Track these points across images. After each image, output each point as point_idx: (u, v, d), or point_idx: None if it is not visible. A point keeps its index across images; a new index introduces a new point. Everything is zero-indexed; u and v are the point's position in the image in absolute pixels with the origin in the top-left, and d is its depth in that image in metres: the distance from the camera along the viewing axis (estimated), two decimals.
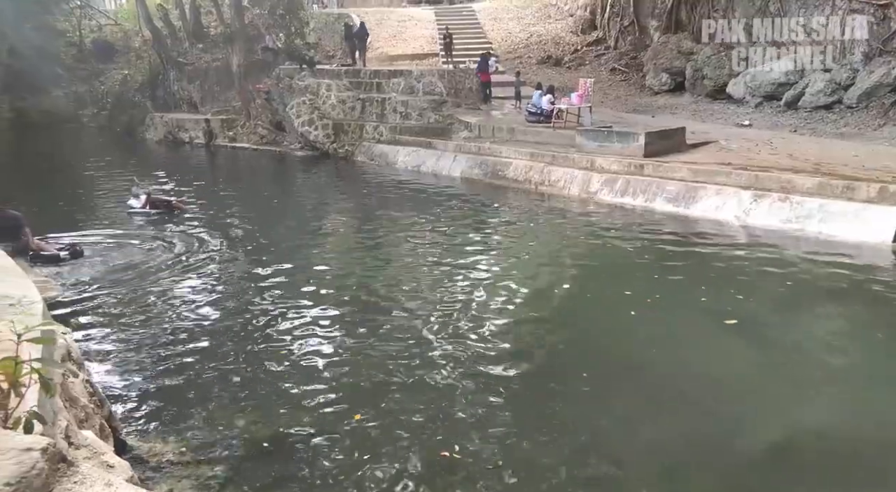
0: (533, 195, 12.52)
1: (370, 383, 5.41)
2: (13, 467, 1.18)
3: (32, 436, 1.33)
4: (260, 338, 6.31)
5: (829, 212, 9.20)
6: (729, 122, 15.56)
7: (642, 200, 11.16)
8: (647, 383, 5.40)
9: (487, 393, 5.20)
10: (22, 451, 1.26)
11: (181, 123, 23.05)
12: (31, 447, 1.27)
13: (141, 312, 7.02)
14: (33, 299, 4.39)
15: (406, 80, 18.02)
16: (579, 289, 7.65)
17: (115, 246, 9.53)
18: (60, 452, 1.33)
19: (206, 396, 5.27)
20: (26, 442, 1.29)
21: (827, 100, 14.77)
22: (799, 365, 5.67)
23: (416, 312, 6.88)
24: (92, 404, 4.29)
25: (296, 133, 19.02)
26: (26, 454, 1.25)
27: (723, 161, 11.26)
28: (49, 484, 1.25)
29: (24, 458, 1.24)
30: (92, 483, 1.28)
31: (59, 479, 1.28)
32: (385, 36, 25.65)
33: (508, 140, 14.75)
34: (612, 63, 21.62)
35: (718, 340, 6.14)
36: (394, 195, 13.40)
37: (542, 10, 27.49)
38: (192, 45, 26.27)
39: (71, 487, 1.28)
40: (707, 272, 7.95)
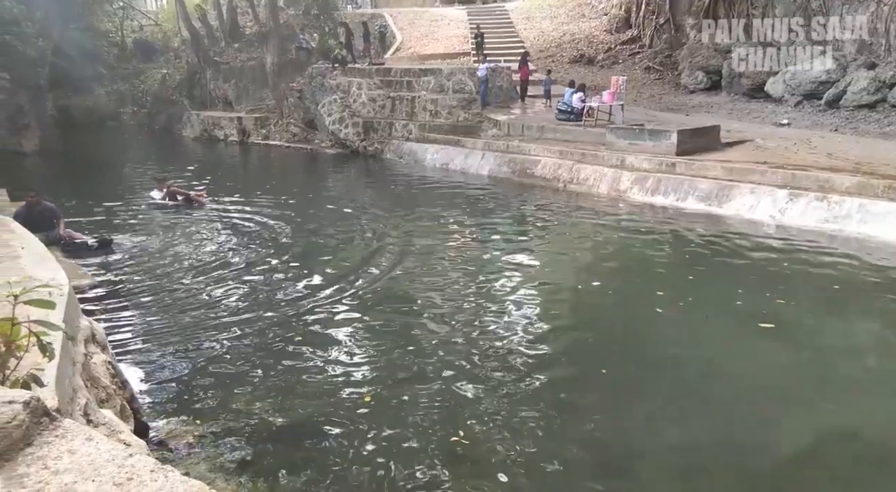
0: (561, 193, 12.38)
1: (390, 374, 5.40)
2: None
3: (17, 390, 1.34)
4: (281, 329, 6.35)
5: (870, 212, 8.86)
6: (766, 121, 15.14)
7: (674, 198, 10.92)
8: (676, 385, 5.26)
9: (509, 387, 5.14)
10: (4, 403, 1.26)
11: (216, 121, 23.50)
12: (14, 400, 1.27)
13: (165, 299, 7.15)
14: (61, 282, 4.51)
15: (436, 79, 18.01)
16: (609, 288, 7.50)
17: (145, 236, 9.75)
18: (43, 405, 1.33)
19: (227, 382, 5.32)
20: (10, 395, 1.30)
21: (870, 98, 14.24)
22: (835, 370, 5.46)
23: (442, 307, 6.84)
24: (114, 386, 4.37)
25: (327, 131, 19.20)
26: (8, 406, 1.26)
27: (758, 160, 10.94)
28: (29, 435, 1.25)
29: (5, 409, 1.24)
30: (73, 437, 1.28)
31: (41, 432, 1.28)
32: (417, 35, 25.71)
33: (538, 138, 14.61)
34: (647, 61, 21.27)
35: (753, 343, 5.93)
36: (422, 193, 13.40)
37: (575, 9, 27.21)
38: (229, 44, 26.79)
39: (52, 439, 1.28)
40: (742, 273, 7.71)
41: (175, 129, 24.95)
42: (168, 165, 18.02)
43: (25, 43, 19.59)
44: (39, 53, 20.80)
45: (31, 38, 20.20)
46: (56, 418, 1.32)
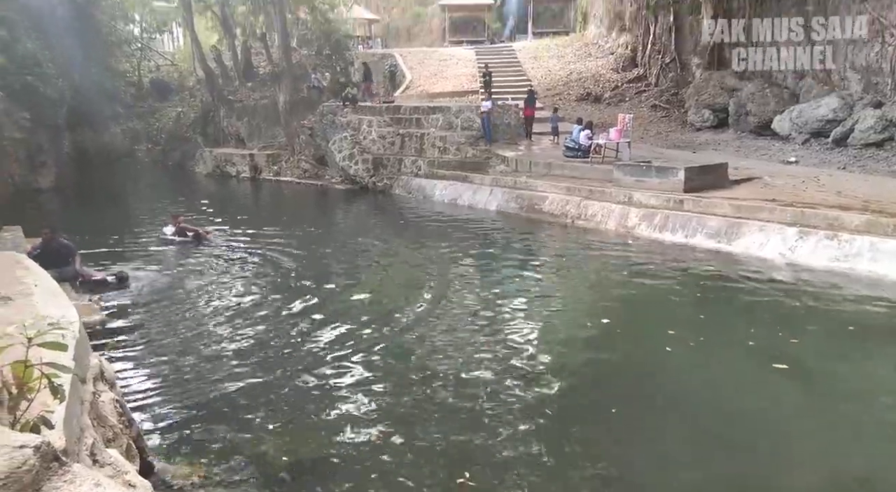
0: (569, 229, 12.41)
1: (397, 414, 5.35)
2: (4, 463, 1.19)
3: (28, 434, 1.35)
4: (288, 368, 6.33)
5: (880, 251, 8.80)
6: (774, 159, 15.19)
7: (682, 235, 10.92)
8: (689, 426, 5.18)
9: (518, 425, 5.09)
10: (15, 448, 1.27)
11: (229, 158, 23.88)
12: (25, 445, 1.28)
13: (177, 336, 7.16)
14: (71, 320, 4.55)
15: (445, 116, 18.30)
16: (620, 326, 7.44)
17: (159, 272, 9.82)
18: (54, 450, 1.34)
19: (234, 421, 5.29)
20: (21, 440, 1.31)
21: (878, 137, 14.29)
22: (850, 413, 5.35)
23: (449, 346, 6.81)
24: (120, 424, 4.35)
25: (337, 167, 19.45)
26: (19, 451, 1.27)
27: (766, 197, 10.96)
28: (39, 481, 1.25)
29: (16, 454, 1.25)
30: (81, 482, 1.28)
31: (51, 477, 1.29)
32: (426, 74, 26.24)
33: (545, 174, 14.73)
34: (653, 99, 21.55)
35: (767, 384, 5.84)
36: (430, 228, 13.47)
37: (582, 49, 27.75)
38: (242, 83, 27.43)
39: (61, 485, 1.28)
40: (754, 312, 7.65)
41: (188, 165, 25.35)
42: (180, 200, 18.27)
43: (46, 83, 20.11)
44: (59, 94, 21.34)
45: (52, 79, 20.74)
46: (66, 462, 1.32)
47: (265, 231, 13.21)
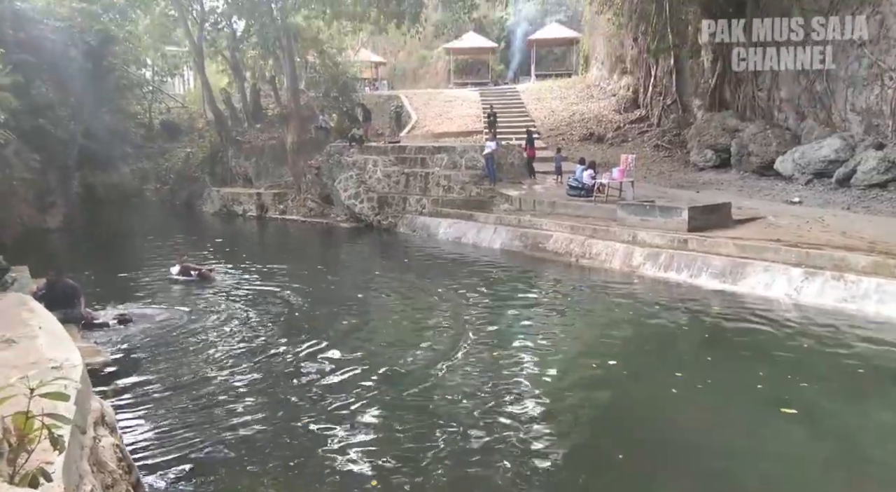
0: (573, 268, 12.39)
1: (398, 458, 5.26)
2: None
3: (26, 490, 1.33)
4: (290, 411, 6.25)
5: (887, 293, 8.73)
6: (777, 198, 15.24)
7: (687, 275, 10.89)
8: (696, 471, 5.07)
9: (521, 470, 4.99)
10: None
11: (236, 197, 24.14)
12: None
13: (179, 379, 7.11)
14: (75, 363, 4.54)
15: (449, 156, 18.53)
16: (626, 368, 7.33)
17: (164, 314, 9.79)
18: None
19: (234, 468, 5.20)
20: None
21: (881, 178, 14.34)
22: (861, 460, 5.23)
23: (452, 388, 6.73)
24: (120, 470, 4.29)
25: (342, 206, 19.63)
26: None
27: (771, 237, 10.96)
28: None
29: None
30: None
31: None
32: (431, 115, 26.67)
33: (549, 213, 14.81)
34: (656, 140, 21.79)
35: (776, 429, 5.72)
36: (434, 266, 13.48)
37: (584, 91, 28.24)
38: (251, 124, 27.94)
39: None
40: (761, 354, 7.54)
41: (195, 204, 25.62)
42: (192, 239, 18.40)
43: (58, 126, 20.47)
44: (70, 135, 21.72)
45: (64, 121, 21.14)
46: None
47: (270, 268, 13.24)
